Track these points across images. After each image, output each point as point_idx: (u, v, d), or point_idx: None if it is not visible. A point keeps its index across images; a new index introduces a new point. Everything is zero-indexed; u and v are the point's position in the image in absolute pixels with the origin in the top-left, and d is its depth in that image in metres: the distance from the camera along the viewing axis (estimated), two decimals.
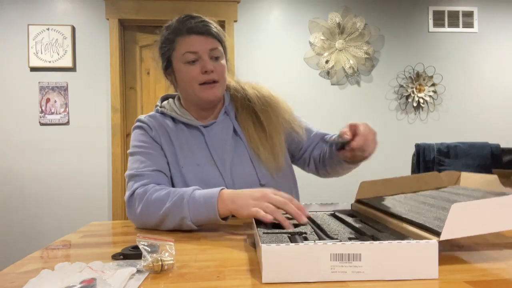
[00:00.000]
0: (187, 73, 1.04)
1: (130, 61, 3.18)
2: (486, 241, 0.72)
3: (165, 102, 1.17)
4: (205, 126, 1.10)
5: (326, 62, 3.18)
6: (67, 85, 2.98)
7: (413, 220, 0.66)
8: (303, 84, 3.19)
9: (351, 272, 0.51)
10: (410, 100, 3.27)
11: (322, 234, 0.68)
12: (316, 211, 0.92)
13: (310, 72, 3.21)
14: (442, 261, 0.55)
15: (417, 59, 3.30)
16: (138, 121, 1.12)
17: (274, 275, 0.52)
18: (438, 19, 3.32)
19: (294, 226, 0.72)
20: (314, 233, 0.67)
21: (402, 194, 0.96)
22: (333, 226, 0.72)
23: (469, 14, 3.35)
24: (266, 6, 3.18)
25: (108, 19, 3.03)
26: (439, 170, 2.63)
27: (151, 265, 0.57)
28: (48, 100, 2.96)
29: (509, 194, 0.77)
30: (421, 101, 3.26)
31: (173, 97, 1.19)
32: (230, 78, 1.17)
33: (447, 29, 3.33)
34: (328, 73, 3.21)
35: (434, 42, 3.33)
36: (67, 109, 2.99)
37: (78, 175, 3.00)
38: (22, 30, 2.95)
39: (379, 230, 0.65)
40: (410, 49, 3.31)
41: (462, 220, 0.56)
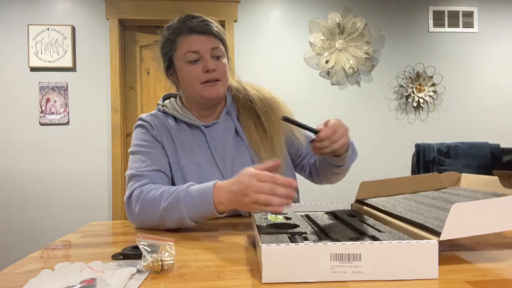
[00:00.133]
0: (189, 72, 1.04)
1: (130, 61, 3.18)
2: (486, 241, 0.72)
3: (167, 101, 1.17)
4: (206, 126, 1.10)
5: (326, 62, 3.18)
6: (67, 85, 2.98)
7: (413, 220, 0.66)
8: (303, 84, 3.19)
9: (351, 272, 0.51)
10: (410, 100, 3.27)
11: (322, 234, 0.68)
12: (316, 211, 0.92)
13: (310, 72, 3.21)
14: (442, 261, 0.55)
15: (417, 59, 3.30)
16: (139, 119, 1.11)
17: (274, 275, 0.52)
18: (438, 19, 3.32)
19: (294, 226, 0.72)
20: (314, 233, 0.67)
21: (402, 194, 0.96)
22: (333, 226, 0.72)
23: (469, 14, 3.34)
24: (266, 6, 3.18)
25: (108, 19, 3.03)
26: (439, 170, 2.63)
27: (151, 265, 0.57)
28: (48, 100, 2.96)
29: (509, 195, 0.77)
30: (421, 101, 3.26)
31: (175, 96, 1.19)
32: (231, 78, 1.17)
33: (447, 29, 3.33)
34: (328, 73, 3.21)
35: (434, 42, 3.33)
36: (67, 109, 2.99)
37: (78, 175, 3.00)
38: (22, 30, 2.95)
39: (379, 230, 0.65)
40: (410, 49, 3.30)
41: (462, 220, 0.56)
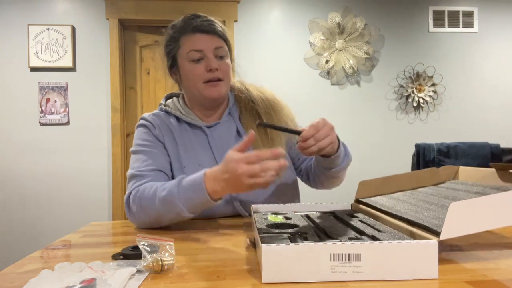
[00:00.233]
0: (192, 71, 1.04)
1: (130, 61, 3.18)
2: (487, 241, 0.72)
3: (169, 101, 1.17)
4: (208, 127, 1.10)
5: (326, 62, 3.18)
6: (67, 85, 2.98)
7: (413, 220, 0.66)
8: (303, 84, 3.19)
9: (351, 272, 0.51)
10: (410, 100, 3.27)
11: (322, 234, 0.68)
12: (316, 211, 0.92)
13: (310, 72, 3.21)
14: (442, 261, 0.55)
15: (417, 59, 3.30)
16: (142, 119, 1.12)
17: (274, 275, 0.52)
18: (438, 19, 3.32)
19: (294, 226, 0.72)
20: (314, 233, 0.67)
21: (401, 191, 0.96)
22: (333, 226, 0.72)
23: (469, 14, 3.34)
24: (266, 6, 3.18)
25: (108, 19, 3.03)
26: None
27: (151, 265, 0.57)
28: (48, 100, 2.96)
29: (508, 188, 0.77)
30: (421, 101, 3.26)
31: (177, 95, 1.19)
32: (234, 79, 1.17)
33: (447, 29, 3.33)
34: (328, 73, 3.21)
35: (434, 42, 3.33)
36: (67, 109, 2.99)
37: (78, 175, 3.00)
38: (22, 30, 2.95)
39: (379, 230, 0.65)
40: (410, 49, 3.30)
41: (460, 219, 0.56)
